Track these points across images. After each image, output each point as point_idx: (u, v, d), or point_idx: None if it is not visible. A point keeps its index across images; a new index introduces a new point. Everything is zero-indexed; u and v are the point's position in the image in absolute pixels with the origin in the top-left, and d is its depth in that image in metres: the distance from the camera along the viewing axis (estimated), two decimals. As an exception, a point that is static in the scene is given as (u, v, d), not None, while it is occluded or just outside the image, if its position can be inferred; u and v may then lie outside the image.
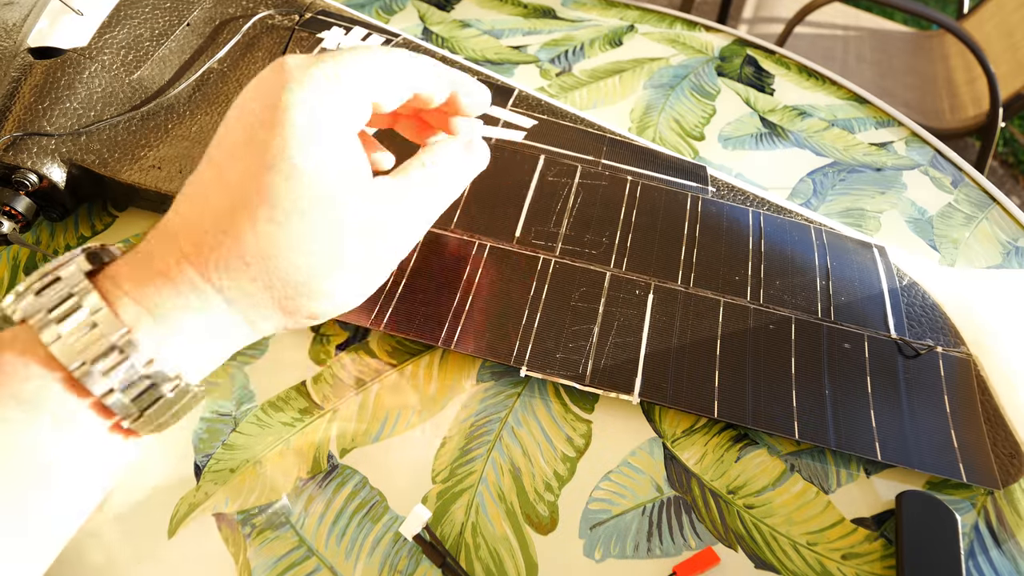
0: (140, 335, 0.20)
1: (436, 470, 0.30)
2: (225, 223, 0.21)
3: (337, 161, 0.23)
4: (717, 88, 0.49)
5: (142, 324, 0.21)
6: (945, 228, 0.41)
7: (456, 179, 0.28)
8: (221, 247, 0.21)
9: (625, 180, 0.38)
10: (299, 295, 0.23)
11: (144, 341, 0.20)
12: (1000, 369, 0.33)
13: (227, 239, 0.21)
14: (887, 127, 0.47)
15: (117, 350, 0.20)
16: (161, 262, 0.21)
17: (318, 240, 0.22)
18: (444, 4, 0.55)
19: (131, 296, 0.21)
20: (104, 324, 0.20)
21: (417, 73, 0.26)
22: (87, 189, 0.37)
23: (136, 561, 0.27)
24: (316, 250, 0.22)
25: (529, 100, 0.42)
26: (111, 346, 0.20)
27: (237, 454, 0.30)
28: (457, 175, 0.28)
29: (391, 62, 0.25)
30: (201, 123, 0.39)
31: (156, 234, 0.22)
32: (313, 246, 0.22)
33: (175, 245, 0.21)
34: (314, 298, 0.23)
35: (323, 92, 0.22)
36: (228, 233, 0.21)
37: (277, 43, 0.43)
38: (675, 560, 0.28)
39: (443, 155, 0.28)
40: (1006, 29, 1.15)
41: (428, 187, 0.27)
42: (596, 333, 0.32)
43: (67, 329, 0.20)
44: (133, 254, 0.22)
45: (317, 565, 0.27)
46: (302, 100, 0.22)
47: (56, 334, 0.20)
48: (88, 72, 0.38)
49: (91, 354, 0.20)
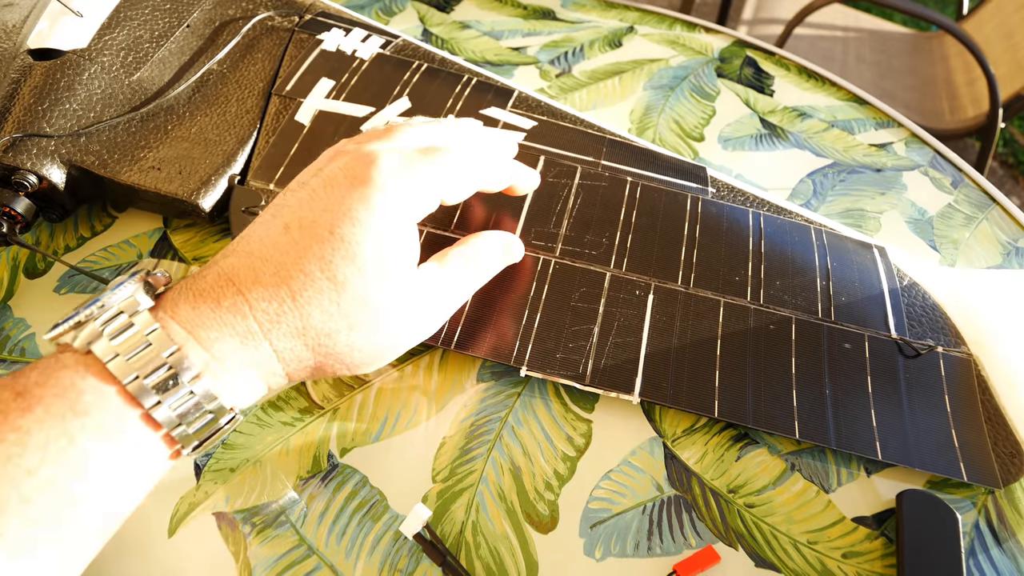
0: (189, 355, 0.22)
1: (436, 469, 0.30)
2: (292, 291, 0.24)
3: (398, 252, 0.26)
4: (717, 89, 0.49)
5: (191, 347, 0.23)
6: (945, 229, 0.41)
7: (490, 272, 0.32)
8: (283, 312, 0.24)
9: (625, 181, 0.38)
10: (337, 361, 0.26)
11: (193, 361, 0.22)
12: (1001, 369, 0.33)
13: (290, 305, 0.24)
14: (887, 128, 0.47)
15: (167, 366, 0.22)
16: (214, 297, 0.23)
17: (368, 319, 0.25)
18: (444, 5, 0.55)
19: (180, 322, 0.23)
20: (157, 343, 0.22)
21: (487, 176, 0.30)
22: (87, 190, 0.37)
23: (136, 560, 0.27)
24: (364, 325, 0.25)
25: (529, 101, 0.42)
26: (162, 363, 0.22)
27: (237, 453, 0.30)
28: (492, 269, 0.32)
29: (469, 168, 0.29)
30: (201, 124, 0.39)
31: (212, 273, 0.24)
32: (364, 325, 0.25)
33: (233, 287, 0.24)
34: (346, 361, 0.26)
35: (403, 200, 0.26)
36: (294, 301, 0.24)
37: (277, 44, 0.43)
38: (675, 559, 0.28)
39: (483, 250, 0.31)
40: (1006, 30, 1.16)
41: (465, 277, 0.30)
42: (596, 333, 0.32)
43: (122, 346, 0.22)
44: (187, 286, 0.24)
45: (317, 564, 0.27)
46: (384, 209, 0.25)
47: (112, 351, 0.22)
48: (88, 73, 0.38)
49: (144, 370, 0.22)
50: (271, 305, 0.24)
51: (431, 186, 0.27)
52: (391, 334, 0.26)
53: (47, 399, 0.20)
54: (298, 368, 0.25)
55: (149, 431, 0.22)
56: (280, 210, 0.26)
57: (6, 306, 0.35)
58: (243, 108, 0.40)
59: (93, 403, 0.21)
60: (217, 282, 0.24)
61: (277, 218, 0.25)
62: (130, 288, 0.23)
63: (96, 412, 0.21)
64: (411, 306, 0.27)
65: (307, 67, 0.42)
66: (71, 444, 0.20)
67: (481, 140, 0.31)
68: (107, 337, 0.22)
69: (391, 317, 0.26)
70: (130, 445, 0.22)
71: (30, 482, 0.19)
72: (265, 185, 0.37)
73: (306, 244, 0.24)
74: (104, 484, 0.21)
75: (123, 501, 0.22)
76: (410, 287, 0.27)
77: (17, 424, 0.20)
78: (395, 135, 0.28)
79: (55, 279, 0.36)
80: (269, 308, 0.24)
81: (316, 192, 0.25)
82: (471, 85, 0.42)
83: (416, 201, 0.26)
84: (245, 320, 0.23)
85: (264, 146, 0.39)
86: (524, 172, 0.33)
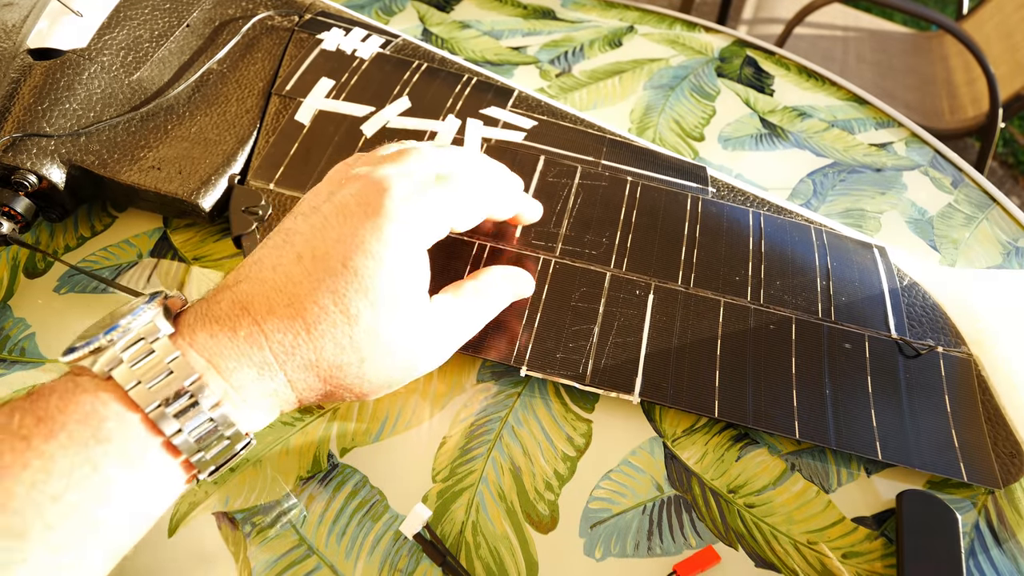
0: (210, 384, 0.23)
1: (436, 469, 0.30)
2: (306, 324, 0.24)
3: (409, 283, 0.26)
4: (717, 89, 0.49)
5: (211, 375, 0.23)
6: (945, 228, 0.41)
7: (501, 305, 0.32)
8: (297, 344, 0.24)
9: (625, 181, 0.38)
10: (347, 390, 0.26)
11: (213, 390, 0.23)
12: (1001, 369, 0.33)
13: (304, 338, 0.24)
14: (887, 128, 0.47)
15: (188, 395, 0.22)
16: (230, 326, 0.24)
17: (379, 351, 0.25)
18: (444, 5, 0.55)
19: (199, 350, 0.23)
20: (178, 371, 0.22)
21: (496, 204, 0.31)
22: (86, 190, 0.37)
23: (137, 560, 0.27)
24: (375, 358, 0.25)
25: (529, 101, 0.42)
26: (183, 391, 0.22)
27: (237, 454, 0.30)
28: (503, 302, 0.32)
29: (479, 196, 0.29)
30: (201, 124, 0.39)
31: (227, 299, 0.24)
32: (375, 357, 0.25)
33: (248, 317, 0.24)
34: (355, 390, 0.26)
35: (415, 230, 0.26)
36: (308, 334, 0.24)
37: (277, 44, 0.43)
38: (675, 559, 0.28)
39: (496, 284, 0.31)
40: (1005, 30, 1.16)
41: (478, 310, 0.30)
42: (596, 333, 0.32)
43: (144, 374, 0.22)
44: (203, 311, 0.24)
45: (317, 564, 0.27)
46: (396, 240, 0.25)
47: (133, 378, 0.22)
48: (88, 73, 0.38)
49: (165, 397, 0.22)
50: (286, 337, 0.24)
51: (442, 214, 0.27)
52: (401, 365, 0.27)
53: (70, 425, 0.21)
54: (309, 395, 0.26)
55: (169, 458, 0.22)
56: (292, 236, 0.26)
57: (6, 306, 0.35)
58: (243, 108, 0.40)
59: (115, 430, 0.21)
60: (232, 309, 0.24)
61: (289, 244, 0.25)
62: (150, 313, 0.23)
63: (119, 439, 0.21)
64: (422, 337, 0.27)
65: (307, 67, 0.42)
66: (95, 471, 0.20)
67: (489, 168, 0.32)
68: (128, 363, 0.22)
69: (402, 348, 0.26)
70: (151, 472, 0.22)
71: (54, 508, 0.20)
72: (265, 185, 0.37)
73: (319, 276, 0.24)
74: (125, 509, 0.21)
75: (141, 524, 0.23)
76: (422, 318, 0.27)
77: (41, 450, 0.20)
78: (406, 161, 0.28)
79: (55, 279, 0.36)
80: (284, 340, 0.24)
81: (328, 220, 0.25)
82: (471, 85, 0.42)
83: (427, 230, 0.27)
84: (262, 351, 0.24)
85: (264, 146, 0.39)
86: (530, 202, 0.34)
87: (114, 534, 0.21)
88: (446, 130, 0.39)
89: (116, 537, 0.22)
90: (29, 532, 0.19)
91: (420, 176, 0.27)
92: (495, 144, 0.39)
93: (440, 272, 0.34)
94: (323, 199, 0.27)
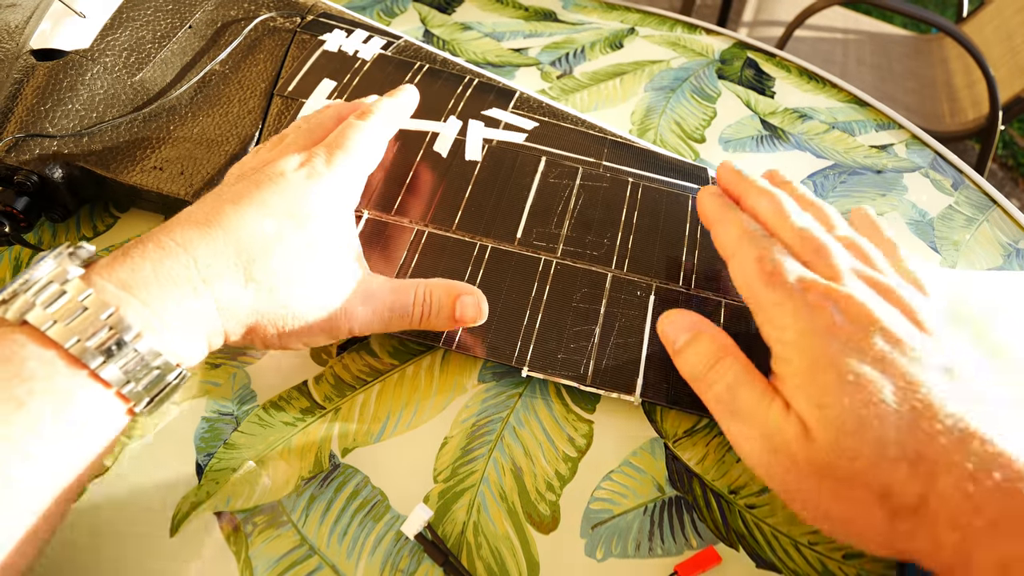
0: (128, 315, 0.23)
1: (438, 469, 0.30)
2: (235, 239, 0.26)
3: (334, 229, 0.29)
4: (718, 91, 0.49)
5: (129, 306, 0.23)
6: (946, 230, 0.41)
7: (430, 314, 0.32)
8: (226, 257, 0.25)
9: (626, 182, 0.38)
10: (268, 320, 0.27)
11: (132, 321, 0.23)
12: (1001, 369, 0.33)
13: (232, 253, 0.26)
14: (887, 129, 0.47)
15: (107, 327, 0.22)
16: (155, 258, 0.24)
17: (301, 277, 0.27)
18: (445, 7, 0.55)
19: (116, 284, 0.23)
20: (93, 307, 0.22)
21: (385, 139, 0.34)
22: (89, 190, 0.37)
23: (138, 560, 0.27)
24: (293, 286, 0.27)
25: (530, 102, 0.42)
26: (101, 325, 0.22)
27: (239, 453, 0.30)
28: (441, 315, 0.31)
29: (375, 148, 0.33)
30: (203, 125, 0.39)
31: (152, 239, 0.25)
32: (295, 284, 0.27)
33: (174, 245, 0.25)
34: (278, 322, 0.27)
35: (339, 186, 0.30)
36: (237, 250, 0.26)
37: (279, 45, 0.44)
38: (676, 559, 0.28)
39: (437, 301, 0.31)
40: (1005, 32, 1.16)
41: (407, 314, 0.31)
42: (597, 334, 0.32)
43: (58, 313, 0.22)
44: (125, 252, 0.24)
45: (319, 564, 0.27)
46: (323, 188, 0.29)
47: (48, 318, 0.22)
48: (90, 74, 0.38)
49: (84, 333, 0.22)
50: (213, 253, 0.25)
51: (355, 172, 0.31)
52: (321, 303, 0.28)
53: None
54: (234, 324, 0.26)
55: (101, 389, 0.23)
56: (223, 194, 0.28)
57: (8, 306, 0.35)
58: (245, 109, 0.40)
59: (38, 368, 0.21)
60: (158, 245, 0.25)
61: (220, 198, 0.27)
62: (55, 260, 0.23)
63: (43, 377, 0.21)
64: (344, 281, 0.29)
65: (309, 68, 0.42)
66: (20, 407, 0.20)
67: (335, 108, 0.35)
68: (41, 306, 0.22)
69: (324, 283, 0.28)
70: (84, 406, 0.22)
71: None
72: (267, 185, 0.37)
73: (247, 201, 0.27)
74: (61, 443, 0.21)
75: (83, 458, 0.22)
76: (345, 262, 0.29)
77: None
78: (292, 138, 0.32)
79: (57, 279, 0.36)
80: (211, 255, 0.25)
81: (255, 179, 0.28)
82: (472, 86, 0.42)
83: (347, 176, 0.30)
84: (187, 270, 0.24)
85: (266, 147, 0.39)
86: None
87: (54, 468, 0.21)
88: (448, 131, 0.40)
89: (58, 471, 0.22)
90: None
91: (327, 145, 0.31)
92: (496, 145, 0.39)
93: (441, 273, 0.34)
94: (251, 168, 0.30)
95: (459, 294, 0.31)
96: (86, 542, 0.27)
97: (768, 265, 0.27)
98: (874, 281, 0.27)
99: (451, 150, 0.39)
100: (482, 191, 0.37)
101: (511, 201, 0.37)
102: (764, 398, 0.25)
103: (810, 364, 0.24)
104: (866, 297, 0.25)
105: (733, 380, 0.26)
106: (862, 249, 0.29)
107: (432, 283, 0.31)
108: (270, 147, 0.32)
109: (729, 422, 0.26)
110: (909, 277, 0.28)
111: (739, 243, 0.29)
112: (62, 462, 0.22)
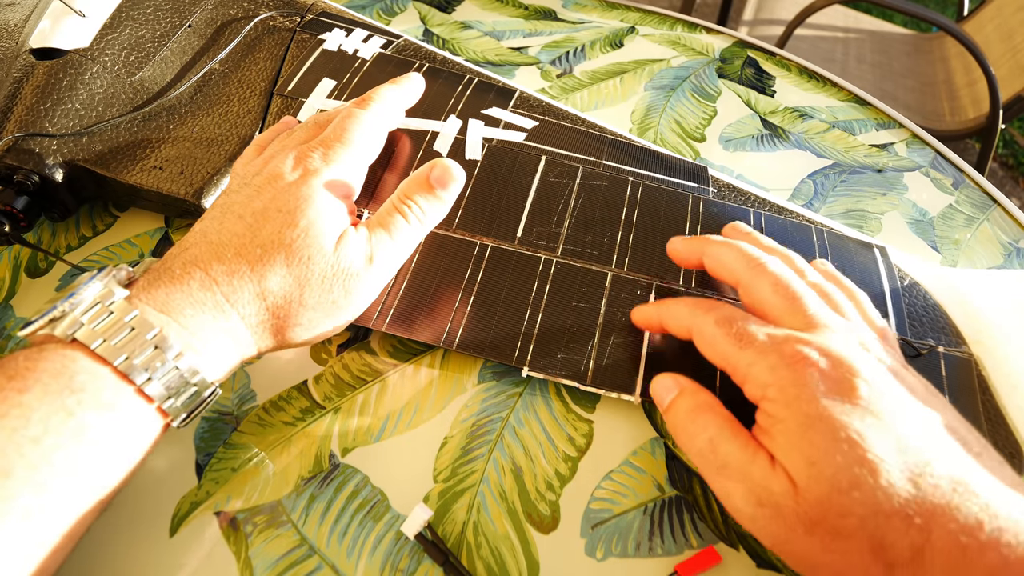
0: (170, 335, 0.25)
1: (438, 469, 0.30)
2: (249, 263, 0.27)
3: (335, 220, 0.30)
4: (718, 90, 0.49)
5: (171, 327, 0.25)
6: (946, 229, 0.41)
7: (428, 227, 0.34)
8: (243, 281, 0.27)
9: (626, 181, 0.38)
10: (293, 321, 0.28)
11: (174, 341, 0.25)
12: (1001, 369, 0.33)
13: (248, 274, 0.27)
14: (888, 129, 0.47)
15: (152, 347, 0.24)
16: (184, 281, 0.26)
17: (316, 274, 0.28)
18: (445, 6, 0.55)
19: (156, 306, 0.25)
20: (139, 327, 0.24)
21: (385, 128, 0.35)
22: (88, 189, 0.37)
23: (138, 559, 0.27)
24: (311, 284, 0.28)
25: (530, 101, 0.42)
26: (147, 344, 0.24)
27: (239, 453, 0.30)
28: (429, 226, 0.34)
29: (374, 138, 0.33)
30: (203, 124, 0.39)
31: (178, 263, 0.27)
32: (313, 281, 0.28)
33: (200, 271, 0.27)
34: (302, 319, 0.29)
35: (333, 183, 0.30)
36: (252, 270, 0.27)
37: (279, 44, 0.43)
38: (677, 559, 0.28)
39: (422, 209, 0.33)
40: (1006, 31, 1.16)
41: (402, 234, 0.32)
42: (598, 333, 0.32)
43: (106, 332, 0.24)
44: (157, 275, 0.26)
45: (319, 563, 0.27)
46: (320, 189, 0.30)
47: (97, 336, 0.24)
48: (90, 73, 0.38)
49: (131, 351, 0.24)
50: (233, 278, 0.27)
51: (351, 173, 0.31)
52: (342, 287, 0.29)
53: (43, 379, 0.22)
54: (263, 335, 0.28)
55: (143, 403, 0.24)
56: (230, 205, 0.29)
57: (7, 305, 0.35)
58: (245, 108, 0.40)
59: (88, 382, 0.23)
60: (184, 269, 0.26)
61: (229, 211, 0.29)
62: (102, 282, 0.25)
63: (91, 390, 0.23)
64: (355, 259, 0.30)
65: (309, 67, 0.42)
66: (70, 416, 0.22)
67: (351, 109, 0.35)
68: (89, 325, 0.23)
69: (337, 270, 0.29)
70: (127, 418, 0.24)
71: (35, 450, 0.21)
72: (267, 185, 0.37)
73: (259, 225, 0.28)
74: (104, 452, 0.23)
75: (123, 468, 0.24)
76: (350, 244, 0.30)
77: (17, 400, 0.21)
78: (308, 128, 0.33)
79: (56, 278, 0.36)
80: (232, 280, 0.27)
81: (261, 187, 0.29)
82: (472, 85, 0.42)
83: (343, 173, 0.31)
84: (213, 295, 0.26)
85: (266, 146, 0.39)
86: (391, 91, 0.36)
87: (95, 476, 0.23)
88: (448, 130, 0.40)
89: (98, 479, 0.23)
90: (13, 471, 0.21)
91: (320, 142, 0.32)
92: (496, 144, 0.39)
93: (441, 272, 0.34)
94: (253, 173, 0.31)
95: (428, 174, 0.33)
96: (86, 542, 0.27)
97: (732, 327, 0.27)
98: (848, 329, 0.27)
99: (451, 149, 0.39)
100: (482, 190, 0.37)
101: (511, 200, 0.37)
102: (746, 451, 0.25)
103: (798, 420, 0.24)
104: (845, 348, 0.25)
105: (715, 433, 0.26)
106: (832, 297, 0.29)
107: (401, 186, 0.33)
108: (277, 143, 0.33)
109: (714, 477, 0.26)
110: (874, 327, 0.29)
111: (692, 316, 0.29)
112: (103, 470, 0.23)
